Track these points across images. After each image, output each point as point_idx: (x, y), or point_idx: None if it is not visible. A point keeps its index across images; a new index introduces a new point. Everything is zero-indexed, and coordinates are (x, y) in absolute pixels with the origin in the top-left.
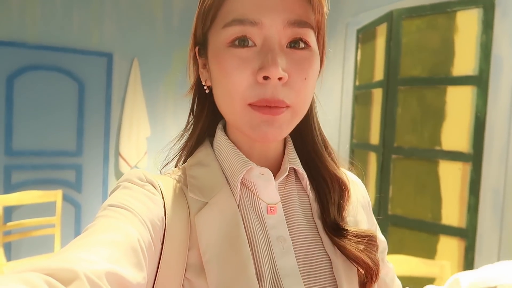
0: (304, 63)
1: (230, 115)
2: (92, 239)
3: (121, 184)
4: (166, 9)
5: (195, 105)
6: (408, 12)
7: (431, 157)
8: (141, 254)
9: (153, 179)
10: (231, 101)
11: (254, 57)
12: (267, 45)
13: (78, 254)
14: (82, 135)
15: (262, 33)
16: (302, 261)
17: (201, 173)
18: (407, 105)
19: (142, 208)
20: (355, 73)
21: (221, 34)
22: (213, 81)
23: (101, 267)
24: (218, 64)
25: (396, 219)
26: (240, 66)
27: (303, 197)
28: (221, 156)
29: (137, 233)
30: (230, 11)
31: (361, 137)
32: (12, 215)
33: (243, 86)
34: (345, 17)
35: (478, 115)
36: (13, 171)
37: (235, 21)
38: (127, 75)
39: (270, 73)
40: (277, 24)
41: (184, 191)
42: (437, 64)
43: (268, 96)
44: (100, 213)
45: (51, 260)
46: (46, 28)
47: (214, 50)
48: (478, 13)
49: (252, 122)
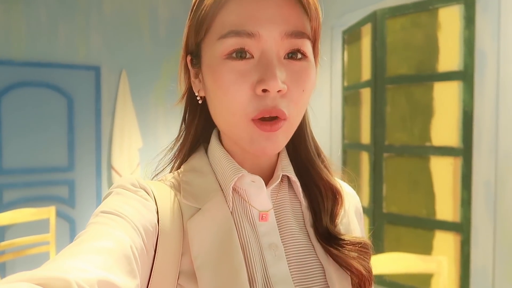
0: (302, 75)
1: (228, 128)
2: (84, 246)
3: (114, 190)
4: (152, 19)
5: (187, 114)
6: (392, 11)
7: (422, 153)
8: (134, 261)
9: (146, 185)
10: (230, 115)
11: (252, 69)
12: (265, 57)
13: (70, 262)
14: (73, 150)
15: (260, 45)
16: (294, 269)
17: (195, 179)
18: (396, 103)
19: (134, 214)
20: (343, 74)
21: (217, 46)
22: (208, 93)
23: (93, 276)
24: (214, 77)
25: (391, 217)
26: (238, 80)
27: (295, 205)
28: (214, 163)
29: (130, 239)
30: (225, 22)
31: (352, 137)
32: (5, 234)
33: (243, 101)
34: (330, 19)
35: (466, 110)
36: (4, 189)
37: (231, 33)
38: (116, 87)
39: (269, 87)
40: (275, 36)
41: (178, 197)
42: (422, 61)
43: (269, 107)
44: (92, 220)
45: (42, 269)
46: (32, 44)
47: (209, 62)
48: (459, 9)
49: (252, 136)
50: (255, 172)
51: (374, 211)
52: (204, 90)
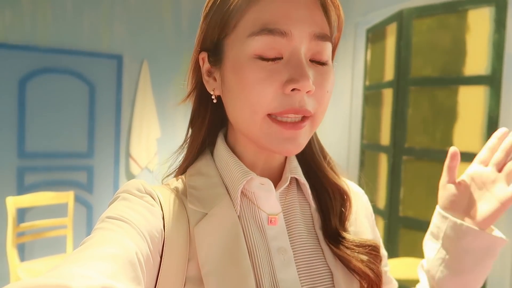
0: (326, 77)
1: (247, 126)
2: (88, 253)
3: (120, 195)
4: (175, 10)
5: (195, 115)
6: (419, 11)
7: (443, 158)
8: (139, 268)
9: (152, 190)
10: (252, 114)
11: (281, 68)
12: (295, 56)
13: (74, 269)
14: (93, 137)
15: (291, 44)
16: (303, 273)
17: (201, 183)
18: (418, 105)
19: (140, 220)
20: (365, 74)
21: (247, 43)
22: (229, 92)
23: (97, 283)
24: (240, 75)
25: (407, 221)
26: (268, 79)
27: (304, 207)
28: (221, 166)
29: (135, 246)
30: (257, 19)
31: (371, 138)
32: (25, 216)
33: (269, 98)
34: (354, 17)
35: (491, 115)
36: (26, 172)
37: (264, 30)
38: (137, 76)
39: (301, 86)
40: (305, 36)
41: (184, 202)
42: (448, 64)
43: (296, 106)
44: (97, 226)
45: (46, 276)
46: (57, 32)
47: (235, 60)
48: (490, 12)
49: (271, 137)
50: (265, 173)
51: (390, 214)
52: (221, 88)
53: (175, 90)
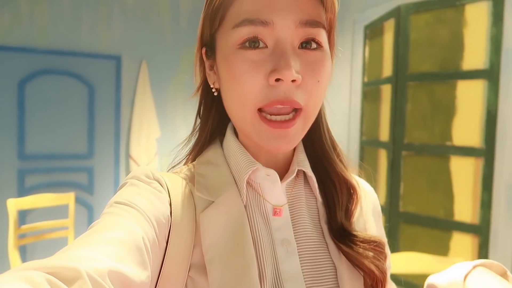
0: (317, 65)
1: (239, 121)
2: (96, 237)
3: (128, 181)
4: (173, 10)
5: (201, 107)
6: (416, 6)
7: (442, 153)
8: (146, 252)
9: (160, 176)
10: (241, 107)
11: (266, 59)
12: (279, 46)
13: (82, 252)
14: (93, 138)
15: (274, 33)
16: (306, 266)
17: (209, 172)
18: (417, 101)
19: (148, 205)
20: (364, 70)
21: (231, 35)
22: (222, 84)
23: (104, 266)
24: (228, 67)
25: (408, 216)
26: (252, 70)
27: (311, 200)
28: (229, 156)
29: (142, 231)
30: (240, 11)
31: (370, 134)
32: (26, 218)
33: (255, 90)
34: (352, 13)
35: (490, 109)
36: (26, 174)
37: (245, 21)
38: (136, 77)
39: (283, 76)
40: (289, 25)
41: (191, 190)
42: (446, 59)
43: (281, 97)
44: (105, 210)
45: (54, 258)
46: (55, 33)
47: (223, 52)
48: (487, 6)
49: (261, 135)
50: (271, 166)
51: (391, 210)
52: (218, 82)
53: (175, 90)
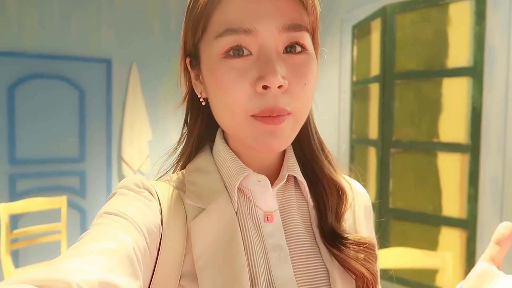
0: (303, 68)
1: (231, 128)
2: (86, 248)
3: (118, 191)
4: (162, 13)
5: (188, 116)
6: (402, 6)
7: (430, 149)
8: (137, 262)
9: (150, 185)
10: (232, 115)
11: (251, 66)
12: (264, 53)
13: (71, 264)
14: (84, 141)
15: (258, 41)
16: (299, 271)
17: (200, 179)
18: (404, 98)
19: (138, 215)
20: (352, 69)
21: (214, 45)
22: (209, 94)
23: (94, 277)
24: (214, 77)
25: (397, 212)
26: (237, 78)
27: (302, 205)
28: (219, 163)
29: (133, 241)
30: (221, 20)
31: (360, 132)
32: (18, 222)
33: (243, 99)
34: (339, 14)
35: (474, 106)
36: (17, 179)
37: (228, 31)
38: (127, 80)
39: (269, 83)
40: (272, 31)
41: (182, 197)
42: (432, 57)
43: (270, 106)
44: (95, 221)
45: (44, 270)
46: (44, 37)
47: (207, 62)
48: (470, 5)
49: (256, 133)
50: (261, 172)
51: (381, 206)
52: (205, 91)
53: (165, 92)
